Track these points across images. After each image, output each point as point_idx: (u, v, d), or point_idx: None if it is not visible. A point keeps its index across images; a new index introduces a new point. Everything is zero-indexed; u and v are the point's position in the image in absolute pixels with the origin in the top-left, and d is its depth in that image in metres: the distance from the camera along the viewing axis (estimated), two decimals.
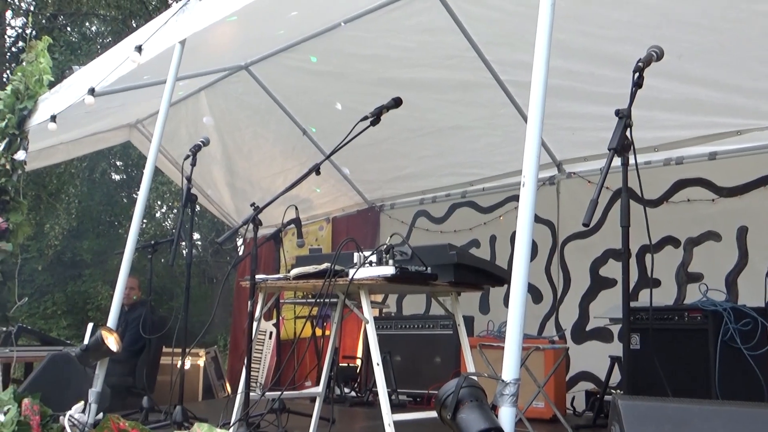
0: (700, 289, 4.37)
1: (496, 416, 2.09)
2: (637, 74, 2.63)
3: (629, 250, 2.59)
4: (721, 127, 4.95)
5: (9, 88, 5.78)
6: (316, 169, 3.57)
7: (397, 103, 3.73)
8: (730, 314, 3.95)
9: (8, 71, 14.51)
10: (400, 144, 6.38)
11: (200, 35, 4.23)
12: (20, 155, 5.60)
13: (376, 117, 3.60)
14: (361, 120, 3.55)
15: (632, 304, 2.71)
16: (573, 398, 5.37)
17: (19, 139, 5.65)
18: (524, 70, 2.80)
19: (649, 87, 2.70)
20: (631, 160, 2.61)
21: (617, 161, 2.56)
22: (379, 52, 5.43)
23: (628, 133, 2.58)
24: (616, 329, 5.39)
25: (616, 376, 4.72)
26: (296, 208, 3.99)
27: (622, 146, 2.55)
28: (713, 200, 5.19)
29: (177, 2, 4.48)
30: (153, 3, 14.65)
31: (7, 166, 5.53)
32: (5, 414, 3.26)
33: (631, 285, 2.63)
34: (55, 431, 3.45)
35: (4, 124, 5.64)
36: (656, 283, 5.17)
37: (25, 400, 3.41)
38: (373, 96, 4.12)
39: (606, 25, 4.41)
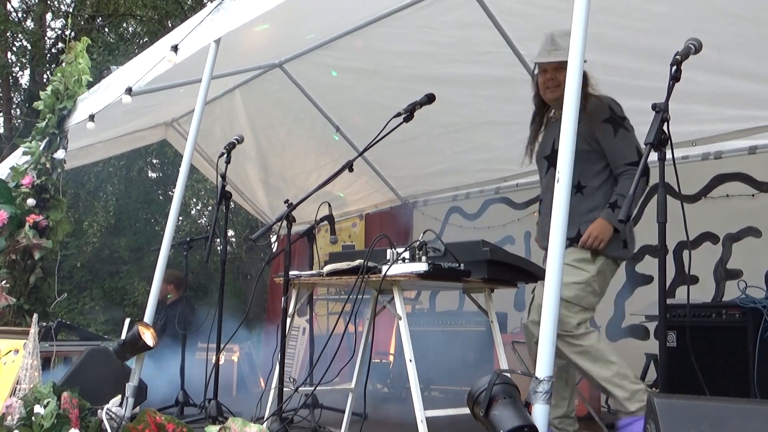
0: (738, 286, 4.29)
1: (530, 414, 2.07)
2: (674, 67, 2.58)
3: (666, 247, 2.54)
4: (761, 120, 4.84)
5: (49, 88, 5.88)
6: (349, 166, 3.58)
7: (430, 99, 3.73)
8: None
9: (49, 72, 14.81)
10: (434, 140, 6.36)
11: (235, 34, 4.27)
12: (60, 154, 5.70)
13: (409, 113, 3.60)
14: (395, 116, 3.56)
15: (669, 301, 2.66)
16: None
17: (58, 138, 5.75)
18: None
19: (686, 80, 2.65)
20: (669, 155, 2.56)
21: (654, 156, 2.52)
22: (412, 49, 5.42)
23: (665, 128, 2.53)
24: (652, 326, 5.32)
25: (652, 374, 4.66)
26: (329, 205, 4.01)
27: (659, 141, 2.51)
28: (753, 195, 5.09)
29: (212, 2, 4.52)
30: (188, 3, 14.82)
31: (48, 165, 5.62)
32: (45, 407, 3.33)
33: (668, 282, 2.59)
34: (93, 424, 3.50)
35: (44, 123, 5.75)
36: (694, 279, 5.08)
37: (65, 394, 3.47)
38: (407, 92, 4.13)
39: (643, 17, 4.35)
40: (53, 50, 15.67)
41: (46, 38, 15.99)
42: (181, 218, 13.31)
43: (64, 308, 12.45)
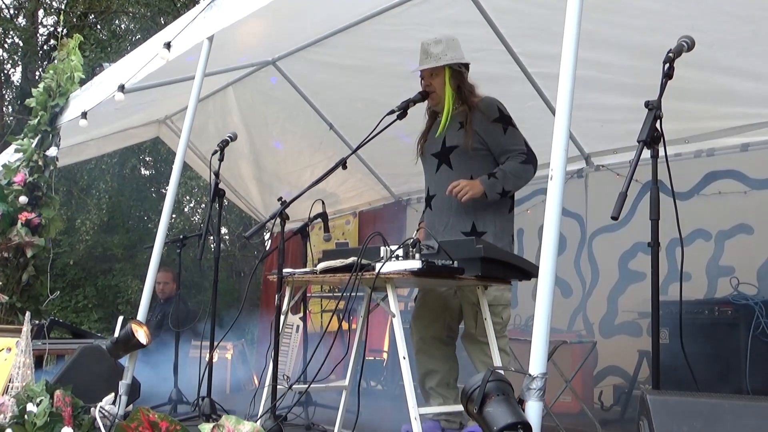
0: (731, 283, 4.31)
1: (523, 410, 2.08)
2: (667, 65, 2.59)
3: (659, 244, 2.55)
4: (753, 117, 4.85)
5: (41, 85, 5.85)
6: (342, 164, 3.57)
7: (423, 96, 3.73)
8: (761, 308, 3.89)
9: (41, 69, 14.74)
10: None
11: (228, 31, 4.25)
12: (52, 152, 5.68)
13: (402, 111, 3.60)
14: (388, 114, 3.55)
15: (662, 298, 2.67)
16: (601, 393, 5.33)
17: (51, 135, 5.73)
18: (552, 62, 2.77)
19: (679, 78, 2.66)
20: (661, 152, 2.57)
21: (647, 153, 2.52)
22: (406, 46, 5.39)
23: (657, 125, 2.54)
24: (645, 323, 5.33)
25: (644, 371, 4.68)
26: (323, 203, 4.00)
27: (652, 138, 2.52)
28: (745, 192, 5.11)
29: None
30: (181, 0, 14.76)
31: (40, 163, 5.60)
32: (38, 405, 3.32)
33: (661, 279, 2.61)
34: (86, 422, 3.49)
35: (36, 121, 5.72)
36: (686, 276, 5.10)
37: (57, 392, 3.45)
38: (401, 89, 4.12)
39: (636, 15, 4.35)
40: (45, 47, 15.59)
41: (38, 35, 15.91)
42: (174, 216, 13.27)
43: (57, 306, 12.41)
